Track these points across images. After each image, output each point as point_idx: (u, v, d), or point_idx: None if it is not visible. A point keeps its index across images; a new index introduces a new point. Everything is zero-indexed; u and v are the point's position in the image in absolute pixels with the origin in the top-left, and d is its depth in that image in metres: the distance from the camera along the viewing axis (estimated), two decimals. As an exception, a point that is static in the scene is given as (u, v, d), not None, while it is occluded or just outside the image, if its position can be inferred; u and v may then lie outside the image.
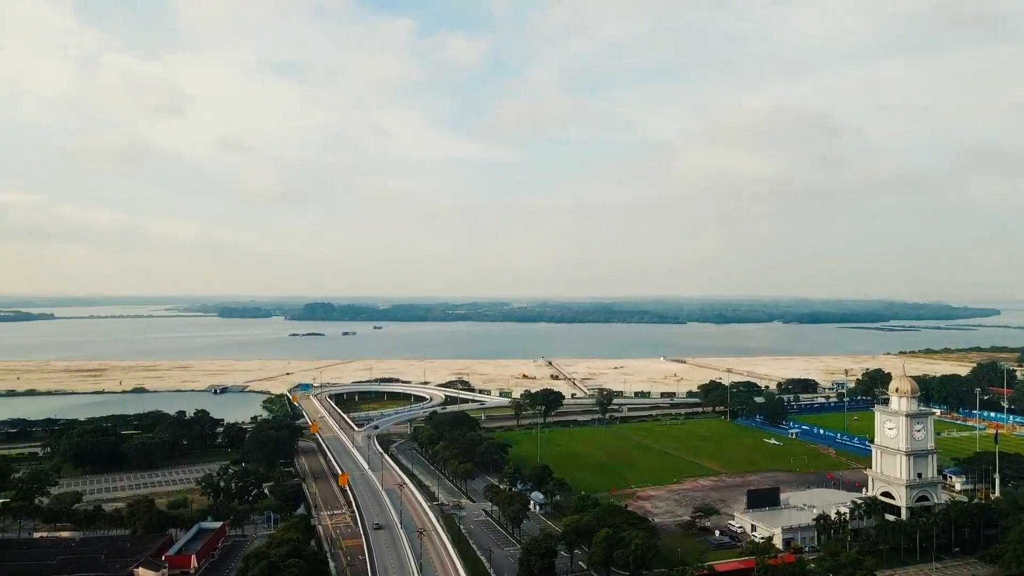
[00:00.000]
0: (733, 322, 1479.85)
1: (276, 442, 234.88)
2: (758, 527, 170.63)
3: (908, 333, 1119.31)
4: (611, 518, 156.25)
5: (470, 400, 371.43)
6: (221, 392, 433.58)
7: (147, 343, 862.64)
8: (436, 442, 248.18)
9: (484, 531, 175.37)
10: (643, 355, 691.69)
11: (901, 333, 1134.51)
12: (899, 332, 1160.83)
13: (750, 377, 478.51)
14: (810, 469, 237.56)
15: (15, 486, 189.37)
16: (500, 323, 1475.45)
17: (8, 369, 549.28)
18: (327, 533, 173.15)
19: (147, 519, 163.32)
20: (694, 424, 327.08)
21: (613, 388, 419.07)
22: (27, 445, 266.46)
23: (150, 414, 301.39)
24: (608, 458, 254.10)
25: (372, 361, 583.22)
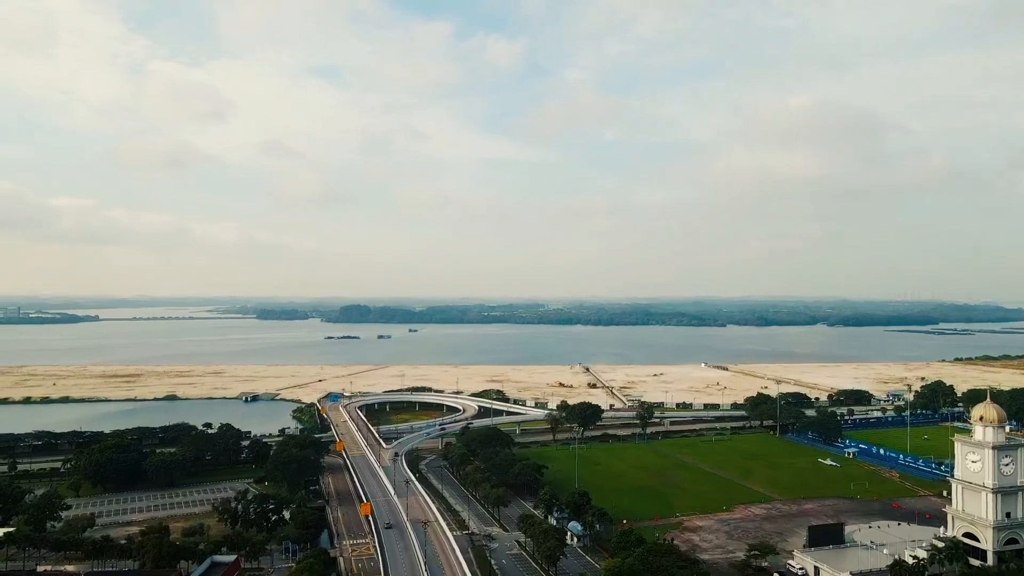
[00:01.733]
0: (774, 324, 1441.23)
1: (300, 462, 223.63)
2: (822, 569, 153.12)
3: (961, 337, 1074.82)
4: (658, 561, 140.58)
5: (504, 412, 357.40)
6: (252, 400, 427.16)
7: (184, 346, 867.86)
8: (467, 462, 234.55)
9: (517, 567, 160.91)
10: (683, 360, 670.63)
11: (953, 337, 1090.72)
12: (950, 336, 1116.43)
13: (797, 386, 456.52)
14: (873, 496, 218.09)
15: (26, 511, 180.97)
16: (536, 326, 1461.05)
17: (47, 374, 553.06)
18: (348, 567, 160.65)
19: (156, 552, 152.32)
20: (741, 440, 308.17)
21: (653, 398, 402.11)
22: (51, 459, 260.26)
23: (176, 426, 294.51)
24: (650, 479, 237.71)
25: (405, 367, 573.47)
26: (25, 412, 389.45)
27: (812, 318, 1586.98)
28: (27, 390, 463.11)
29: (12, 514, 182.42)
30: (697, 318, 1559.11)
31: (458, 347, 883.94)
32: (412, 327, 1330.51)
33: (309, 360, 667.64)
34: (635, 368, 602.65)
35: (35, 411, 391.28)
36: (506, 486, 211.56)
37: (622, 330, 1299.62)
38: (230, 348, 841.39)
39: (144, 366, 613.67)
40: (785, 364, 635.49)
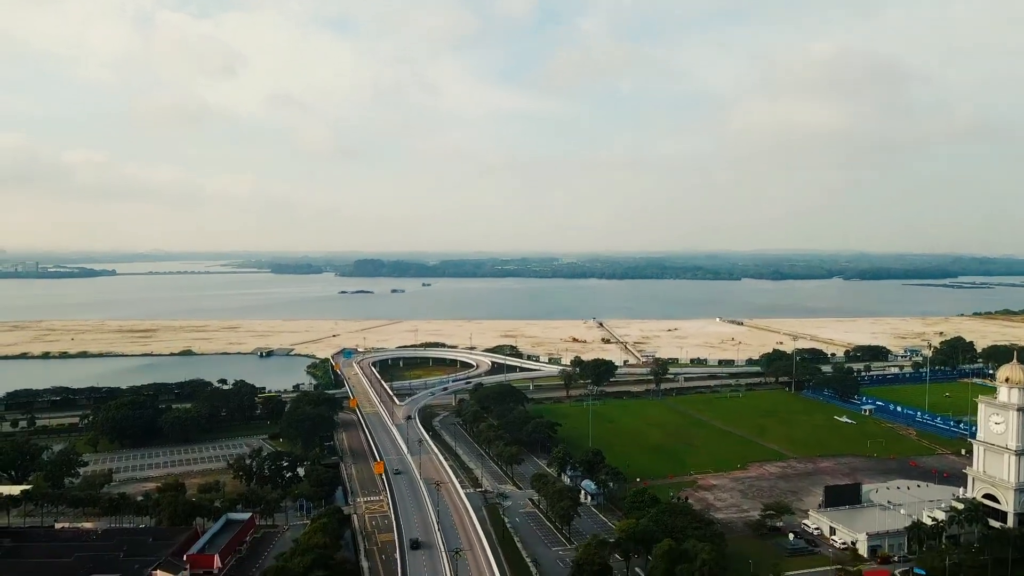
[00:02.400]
0: (790, 278, 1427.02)
1: (313, 419, 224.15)
2: (838, 530, 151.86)
3: (980, 291, 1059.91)
4: (672, 521, 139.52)
5: (518, 368, 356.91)
6: (266, 356, 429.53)
7: (199, 301, 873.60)
8: (481, 420, 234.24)
9: (531, 526, 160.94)
10: (697, 315, 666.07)
11: (972, 291, 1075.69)
12: (969, 289, 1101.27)
13: (813, 342, 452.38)
14: (890, 454, 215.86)
15: (44, 467, 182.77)
16: (550, 279, 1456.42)
17: (65, 329, 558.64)
18: (362, 525, 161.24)
19: (172, 509, 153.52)
20: (756, 397, 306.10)
21: (667, 354, 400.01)
22: (69, 414, 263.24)
23: (192, 382, 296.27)
24: (664, 438, 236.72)
25: (419, 322, 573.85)
26: (44, 367, 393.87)
27: (828, 272, 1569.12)
28: (46, 345, 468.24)
29: (30, 471, 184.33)
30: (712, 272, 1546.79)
31: (472, 301, 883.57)
32: (425, 281, 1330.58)
33: (323, 315, 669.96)
34: (649, 323, 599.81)
35: (53, 366, 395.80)
36: (519, 444, 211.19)
37: (636, 284, 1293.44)
38: (245, 303, 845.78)
39: (160, 321, 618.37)
40: (801, 319, 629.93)
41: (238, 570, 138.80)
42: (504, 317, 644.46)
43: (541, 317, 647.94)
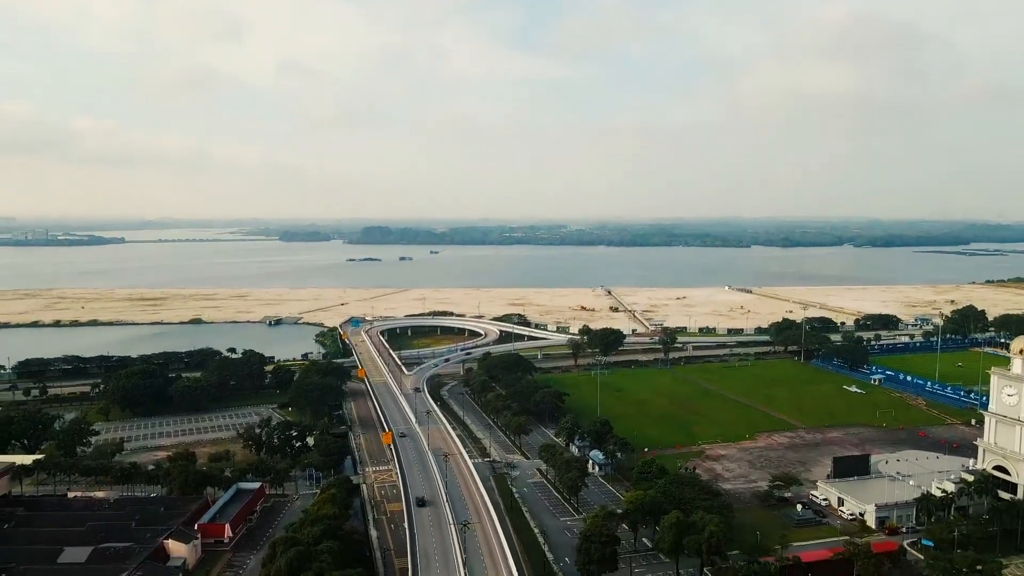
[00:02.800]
0: (800, 246, 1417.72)
1: (322, 389, 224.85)
2: (846, 501, 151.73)
3: (993, 258, 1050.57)
4: (680, 492, 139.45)
5: (526, 336, 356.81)
6: (275, 324, 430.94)
7: (208, 269, 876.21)
8: (489, 389, 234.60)
9: (539, 496, 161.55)
10: (706, 283, 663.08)
11: (984, 258, 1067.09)
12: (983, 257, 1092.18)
13: (823, 310, 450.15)
14: (899, 424, 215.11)
15: (56, 436, 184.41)
16: (558, 247, 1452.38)
17: (76, 297, 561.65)
18: (371, 494, 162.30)
19: (183, 478, 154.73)
20: (765, 366, 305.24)
21: (676, 322, 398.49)
22: (80, 383, 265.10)
23: (201, 351, 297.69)
24: (673, 407, 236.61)
25: (427, 291, 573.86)
26: (55, 335, 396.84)
27: (839, 239, 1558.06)
28: (56, 313, 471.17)
29: (43, 440, 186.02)
30: (721, 239, 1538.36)
31: (479, 269, 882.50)
32: (433, 248, 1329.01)
33: (331, 283, 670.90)
34: (658, 291, 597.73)
35: (64, 334, 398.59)
36: (527, 414, 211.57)
37: (645, 251, 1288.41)
38: (253, 271, 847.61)
39: (169, 289, 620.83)
40: (810, 287, 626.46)
41: (249, 539, 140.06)
42: (512, 285, 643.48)
43: (549, 285, 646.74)
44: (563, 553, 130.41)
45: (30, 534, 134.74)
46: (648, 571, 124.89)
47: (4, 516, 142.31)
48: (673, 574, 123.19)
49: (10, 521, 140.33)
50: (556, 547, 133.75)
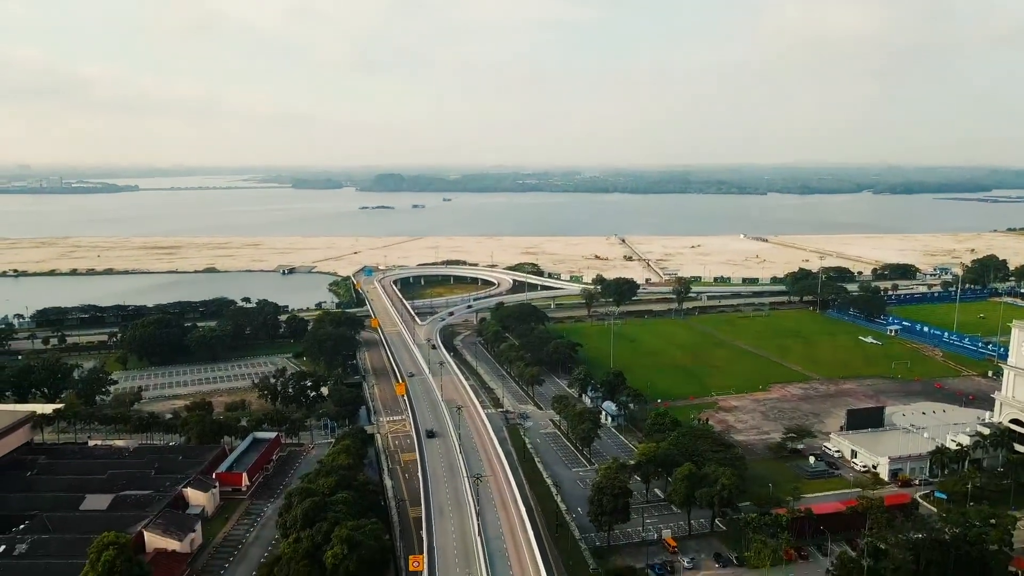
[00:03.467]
0: (817, 193, 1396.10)
1: (336, 339, 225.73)
2: (859, 453, 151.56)
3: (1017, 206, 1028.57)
4: (692, 444, 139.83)
5: (539, 286, 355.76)
6: (289, 273, 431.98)
7: (221, 217, 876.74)
8: (501, 340, 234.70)
9: (551, 447, 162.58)
10: (721, 231, 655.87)
11: (1007, 205, 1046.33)
12: (1005, 204, 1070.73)
13: (840, 259, 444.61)
14: (914, 376, 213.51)
15: (75, 385, 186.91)
16: (571, 194, 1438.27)
17: (91, 246, 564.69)
18: (385, 444, 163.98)
19: (200, 428, 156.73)
20: (779, 317, 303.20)
21: (690, 272, 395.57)
22: (98, 332, 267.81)
23: (216, 301, 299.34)
24: (686, 358, 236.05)
25: (439, 239, 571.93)
26: (72, 284, 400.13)
27: (857, 186, 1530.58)
28: (72, 262, 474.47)
29: (62, 388, 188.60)
30: (737, 186, 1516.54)
31: (492, 217, 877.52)
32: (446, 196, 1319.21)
33: (344, 231, 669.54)
34: (672, 239, 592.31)
35: (81, 283, 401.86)
36: (540, 364, 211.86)
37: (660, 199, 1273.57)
38: (267, 219, 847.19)
39: (183, 238, 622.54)
40: (828, 236, 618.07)
41: (265, 488, 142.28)
42: (525, 233, 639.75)
43: (563, 233, 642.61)
44: (575, 504, 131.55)
45: (52, 481, 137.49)
46: (660, 522, 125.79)
47: (27, 464, 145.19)
48: (685, 525, 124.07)
49: (32, 469, 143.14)
50: (569, 498, 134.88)
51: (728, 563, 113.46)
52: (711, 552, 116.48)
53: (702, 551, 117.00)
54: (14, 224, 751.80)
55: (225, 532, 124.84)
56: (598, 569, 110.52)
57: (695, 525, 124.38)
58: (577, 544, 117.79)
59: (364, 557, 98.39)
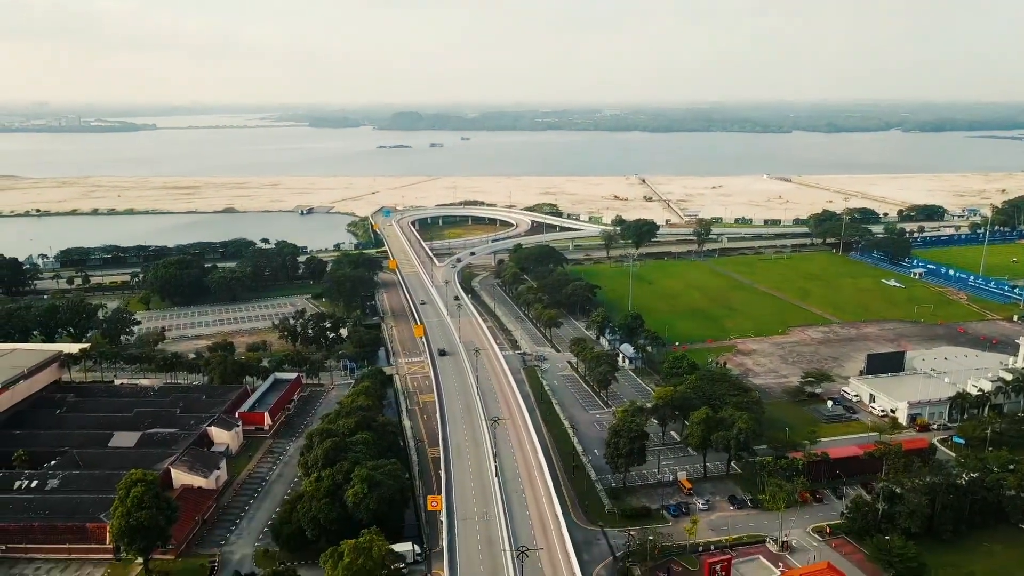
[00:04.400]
0: (844, 131, 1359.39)
1: (354, 281, 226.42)
2: (878, 397, 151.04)
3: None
4: (710, 388, 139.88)
5: (557, 227, 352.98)
6: (307, 213, 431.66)
7: (239, 156, 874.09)
8: (520, 281, 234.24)
9: (568, 389, 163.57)
10: (744, 171, 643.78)
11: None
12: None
13: (865, 200, 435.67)
14: (937, 319, 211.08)
15: (100, 326, 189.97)
16: (591, 132, 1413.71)
17: (112, 186, 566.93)
18: (404, 385, 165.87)
19: (223, 368, 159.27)
20: (801, 259, 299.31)
21: (711, 213, 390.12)
22: (120, 272, 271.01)
23: (235, 242, 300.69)
24: (705, 301, 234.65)
25: (457, 179, 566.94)
26: (94, 224, 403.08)
27: (886, 124, 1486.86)
28: (93, 202, 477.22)
29: (88, 328, 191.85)
30: (761, 124, 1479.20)
31: (511, 156, 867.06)
32: (464, 135, 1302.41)
33: (362, 171, 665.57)
34: (693, 180, 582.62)
35: (102, 223, 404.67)
36: (558, 306, 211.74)
37: (682, 137, 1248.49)
38: (284, 158, 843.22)
39: (202, 178, 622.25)
40: (853, 175, 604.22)
41: (287, 427, 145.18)
42: (544, 173, 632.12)
43: (582, 173, 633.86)
44: (592, 445, 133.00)
45: (81, 419, 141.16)
46: (676, 464, 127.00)
47: (56, 402, 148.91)
48: (700, 467, 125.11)
49: (62, 407, 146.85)
50: (585, 439, 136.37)
51: (743, 505, 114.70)
52: (726, 494, 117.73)
53: (717, 493, 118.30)
54: (35, 164, 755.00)
55: (249, 470, 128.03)
56: (613, 509, 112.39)
57: (711, 468, 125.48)
58: (593, 485, 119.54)
59: (384, 496, 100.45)
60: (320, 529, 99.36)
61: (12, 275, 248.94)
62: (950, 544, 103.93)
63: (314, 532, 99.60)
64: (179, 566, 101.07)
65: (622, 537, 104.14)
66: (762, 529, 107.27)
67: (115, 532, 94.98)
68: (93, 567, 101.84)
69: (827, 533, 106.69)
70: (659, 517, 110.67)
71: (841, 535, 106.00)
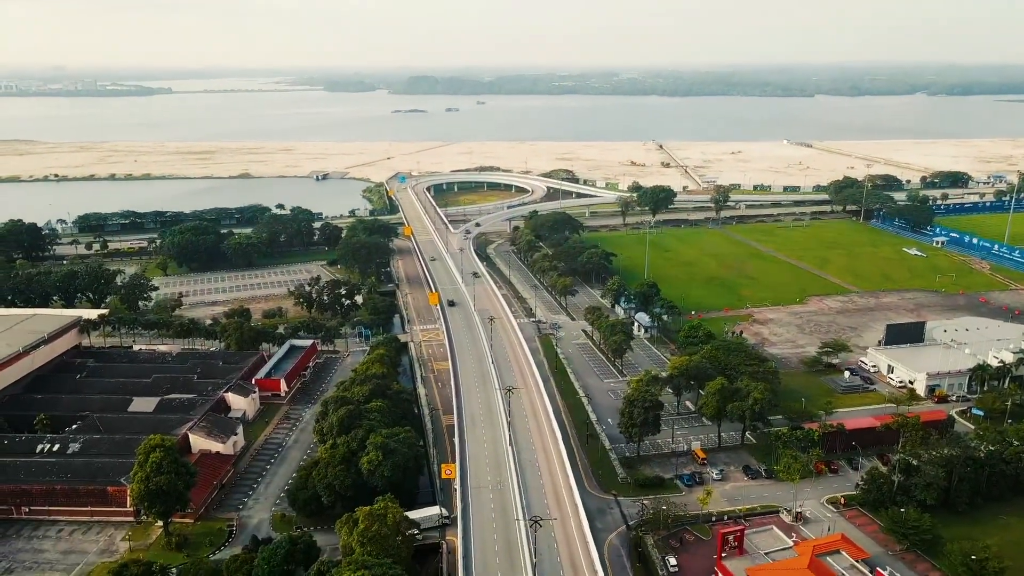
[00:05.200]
0: (868, 95, 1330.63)
1: (369, 248, 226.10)
2: (896, 368, 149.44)
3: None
4: (726, 357, 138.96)
5: (573, 193, 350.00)
6: (323, 179, 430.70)
7: (254, 121, 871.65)
8: (535, 249, 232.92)
9: (583, 357, 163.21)
10: (763, 136, 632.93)
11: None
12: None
13: (888, 166, 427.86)
14: (959, 289, 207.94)
15: (118, 291, 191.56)
16: (609, 96, 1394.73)
17: (128, 150, 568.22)
18: (419, 353, 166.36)
19: (239, 335, 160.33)
20: (821, 227, 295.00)
21: (729, 179, 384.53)
22: (137, 237, 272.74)
23: (251, 207, 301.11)
24: (722, 269, 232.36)
25: (473, 144, 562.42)
26: (111, 188, 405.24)
27: (912, 87, 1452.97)
28: (111, 167, 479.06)
29: (106, 294, 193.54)
30: (783, 88, 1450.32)
31: (527, 121, 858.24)
32: (480, 99, 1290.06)
33: (377, 136, 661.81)
34: (712, 145, 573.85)
35: (120, 188, 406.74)
36: (574, 274, 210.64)
37: (700, 101, 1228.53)
38: (299, 123, 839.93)
39: (218, 143, 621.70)
40: (876, 141, 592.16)
41: (303, 394, 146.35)
42: (560, 138, 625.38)
43: (598, 138, 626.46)
44: (606, 414, 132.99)
45: (101, 384, 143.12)
46: (690, 434, 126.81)
47: (76, 367, 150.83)
48: (715, 437, 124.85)
49: (82, 371, 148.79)
50: (599, 408, 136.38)
51: (757, 475, 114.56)
52: (740, 464, 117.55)
53: (731, 463, 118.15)
54: (52, 128, 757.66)
55: (266, 435, 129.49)
56: (627, 479, 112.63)
57: (725, 438, 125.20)
58: (607, 454, 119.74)
59: (398, 463, 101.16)
60: (335, 495, 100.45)
61: (32, 240, 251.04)
62: (966, 516, 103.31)
63: (329, 498, 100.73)
64: (198, 529, 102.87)
65: (635, 506, 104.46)
66: (776, 500, 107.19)
67: (135, 496, 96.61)
68: (115, 529, 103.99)
69: (842, 504, 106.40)
70: (673, 487, 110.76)
71: (855, 506, 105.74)
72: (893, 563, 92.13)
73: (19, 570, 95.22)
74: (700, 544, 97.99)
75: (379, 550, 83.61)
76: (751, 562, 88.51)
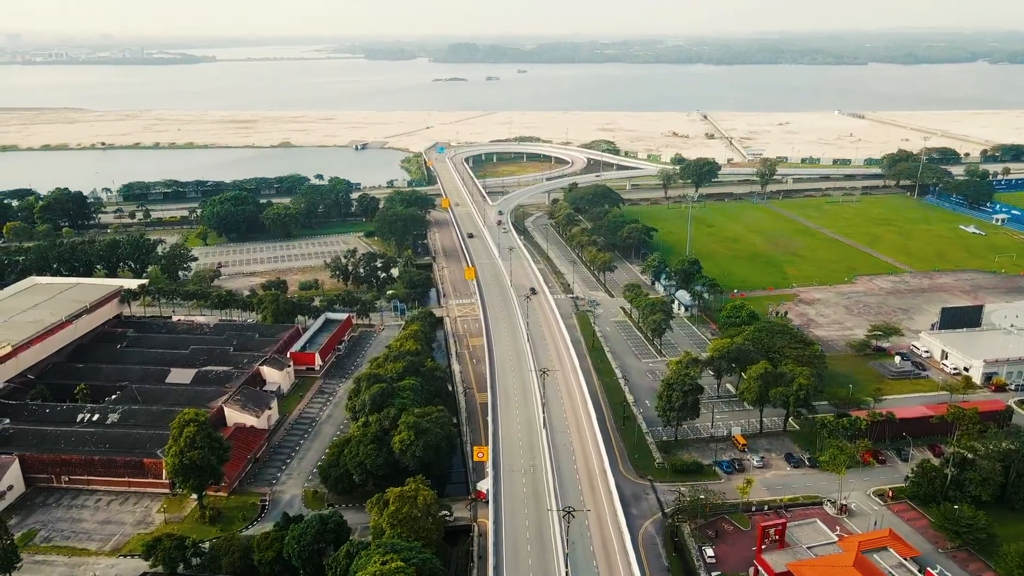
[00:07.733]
0: (924, 63, 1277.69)
1: (406, 220, 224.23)
2: (951, 354, 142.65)
3: None
4: (769, 340, 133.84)
5: (614, 165, 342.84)
6: (362, 149, 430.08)
7: (296, 90, 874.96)
8: (574, 223, 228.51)
9: (621, 336, 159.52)
10: (813, 107, 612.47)
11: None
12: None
13: (945, 139, 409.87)
14: (1020, 270, 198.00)
15: (158, 261, 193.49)
16: (652, 65, 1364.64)
17: (172, 119, 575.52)
18: (454, 328, 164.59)
19: (275, 307, 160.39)
20: (872, 202, 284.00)
21: (776, 152, 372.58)
22: (179, 207, 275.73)
23: (290, 178, 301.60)
24: (767, 245, 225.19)
25: (513, 114, 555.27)
26: (155, 157, 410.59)
27: (972, 54, 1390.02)
28: (155, 135, 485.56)
29: (147, 263, 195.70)
30: (834, 56, 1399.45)
31: (568, 90, 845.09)
32: (521, 68, 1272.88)
33: (416, 105, 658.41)
34: (758, 116, 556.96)
35: (163, 156, 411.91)
36: (613, 248, 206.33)
37: (747, 70, 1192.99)
38: (339, 91, 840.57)
39: (259, 112, 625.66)
40: (932, 112, 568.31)
41: (338, 368, 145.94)
42: (601, 108, 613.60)
43: (641, 108, 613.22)
44: (644, 396, 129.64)
45: (140, 354, 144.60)
46: (730, 419, 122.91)
47: (117, 337, 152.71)
48: (756, 423, 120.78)
49: (123, 341, 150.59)
50: (636, 389, 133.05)
51: (800, 464, 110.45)
52: (783, 452, 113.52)
53: (773, 450, 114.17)
54: (100, 96, 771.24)
55: (300, 409, 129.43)
56: (664, 464, 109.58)
57: (767, 424, 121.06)
58: (644, 437, 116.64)
59: (430, 443, 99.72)
60: (367, 474, 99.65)
61: (78, 208, 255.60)
62: (1022, 514, 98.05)
63: (361, 476, 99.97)
64: (232, 503, 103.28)
65: (672, 493, 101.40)
66: (820, 490, 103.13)
67: (169, 470, 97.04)
68: (151, 500, 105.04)
69: (889, 497, 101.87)
70: (711, 473, 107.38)
71: (904, 500, 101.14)
72: (944, 562, 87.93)
73: (57, 539, 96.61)
74: (739, 535, 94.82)
75: (409, 532, 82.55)
76: (792, 557, 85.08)
